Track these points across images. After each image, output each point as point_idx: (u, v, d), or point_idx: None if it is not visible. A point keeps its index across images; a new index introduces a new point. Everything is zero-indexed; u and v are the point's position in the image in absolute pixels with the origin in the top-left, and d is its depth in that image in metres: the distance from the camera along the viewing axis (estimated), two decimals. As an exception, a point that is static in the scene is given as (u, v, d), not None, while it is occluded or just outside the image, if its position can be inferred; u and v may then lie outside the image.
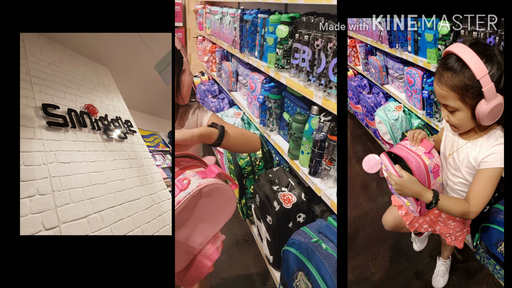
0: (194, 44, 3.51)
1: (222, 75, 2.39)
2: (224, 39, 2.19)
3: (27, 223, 1.14)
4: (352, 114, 2.63)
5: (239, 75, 2.17)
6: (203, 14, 2.82)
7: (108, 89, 2.57)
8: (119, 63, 2.86)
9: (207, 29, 2.66)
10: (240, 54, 1.85)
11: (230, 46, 2.02)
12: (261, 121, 1.65)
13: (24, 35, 1.93)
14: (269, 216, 1.32)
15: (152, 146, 3.81)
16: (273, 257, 1.41)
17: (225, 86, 2.33)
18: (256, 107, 1.70)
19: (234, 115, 2.12)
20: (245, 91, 2.07)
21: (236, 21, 1.82)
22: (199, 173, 0.65)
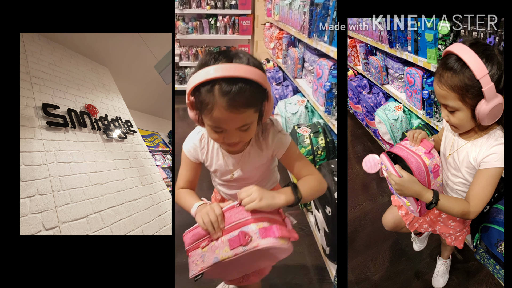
0: (261, 31, 3.52)
1: (288, 62, 2.35)
2: (292, 25, 2.15)
3: (27, 223, 1.14)
4: (352, 114, 2.63)
5: (305, 62, 2.13)
6: (271, 0, 2.80)
7: (108, 89, 2.58)
8: (119, 63, 2.86)
9: (275, 15, 2.63)
10: (308, 40, 1.81)
11: (298, 32, 1.98)
12: (326, 109, 1.59)
13: (24, 35, 1.93)
14: (328, 207, 1.28)
15: (152, 146, 3.81)
16: (330, 248, 1.36)
17: (290, 73, 2.30)
18: (322, 94, 1.65)
19: (297, 103, 2.04)
20: (310, 78, 2.02)
21: (306, 5, 1.77)
22: (261, 231, 0.66)
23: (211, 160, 0.86)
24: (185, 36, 3.64)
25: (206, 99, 0.63)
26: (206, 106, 0.64)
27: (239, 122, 0.66)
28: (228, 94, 0.61)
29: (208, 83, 0.62)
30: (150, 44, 2.59)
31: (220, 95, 0.62)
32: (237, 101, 0.62)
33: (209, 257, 0.69)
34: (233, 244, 0.66)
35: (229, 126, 0.67)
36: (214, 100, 0.62)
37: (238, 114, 0.64)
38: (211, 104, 0.63)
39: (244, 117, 0.65)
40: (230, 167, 0.86)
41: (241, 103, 0.63)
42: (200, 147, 0.85)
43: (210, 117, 0.65)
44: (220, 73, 0.61)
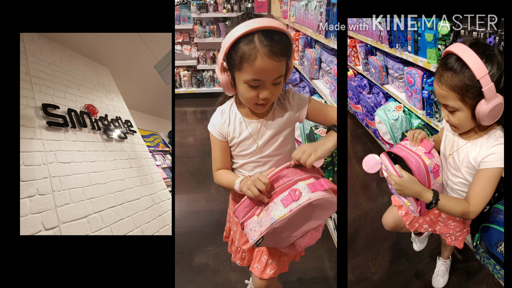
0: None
1: (305, 63, 2.36)
2: (308, 26, 2.16)
3: (27, 223, 1.14)
4: (352, 114, 2.63)
5: (322, 62, 2.13)
6: (287, 2, 2.83)
7: (108, 89, 2.58)
8: (119, 63, 2.86)
9: (291, 17, 2.65)
10: (325, 40, 1.82)
11: (315, 32, 1.98)
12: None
13: (24, 35, 1.93)
14: None
15: (152, 146, 3.81)
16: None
17: (307, 74, 2.30)
18: None
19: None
20: (328, 78, 2.02)
21: (323, 6, 1.78)
22: (309, 186, 0.73)
23: (234, 132, 0.88)
24: (202, 40, 3.71)
25: (247, 51, 0.69)
26: (247, 58, 0.69)
27: (276, 72, 0.72)
28: (269, 42, 0.68)
29: (246, 36, 0.68)
30: (150, 44, 2.59)
31: (261, 44, 0.68)
32: (276, 48, 0.68)
33: (266, 220, 0.74)
34: (286, 202, 0.73)
35: (268, 76, 0.72)
36: (256, 49, 0.68)
37: (277, 61, 0.70)
38: (253, 54, 0.68)
39: (280, 66, 0.72)
40: (255, 136, 0.88)
41: (280, 50, 0.69)
42: (222, 121, 0.89)
43: (251, 68, 0.70)
44: (259, 24, 0.67)
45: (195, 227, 1.87)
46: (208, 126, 0.92)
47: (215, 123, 0.90)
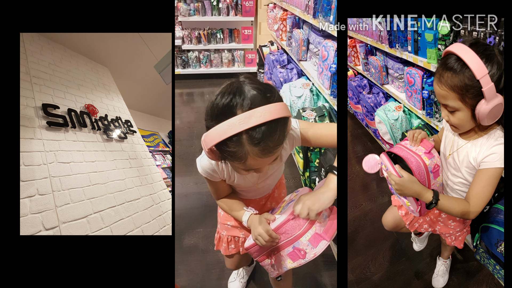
0: (264, 13, 3.44)
1: (292, 44, 2.29)
2: (296, 5, 2.08)
3: (27, 223, 1.14)
4: (352, 114, 2.63)
5: (310, 44, 2.07)
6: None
7: (108, 89, 2.58)
8: (119, 63, 2.86)
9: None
10: (313, 20, 1.75)
11: (303, 12, 1.91)
12: (332, 93, 1.56)
13: (24, 35, 1.93)
14: None
15: (152, 146, 3.81)
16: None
17: (295, 55, 2.23)
18: (327, 77, 1.59)
19: (302, 86, 1.98)
20: (316, 60, 1.95)
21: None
22: (311, 241, 0.76)
23: (232, 178, 0.86)
24: (187, 18, 3.55)
25: (237, 151, 0.59)
26: (237, 157, 0.60)
27: (271, 160, 0.65)
28: (260, 143, 0.58)
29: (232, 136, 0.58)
30: (150, 44, 2.59)
31: (251, 145, 0.58)
32: (269, 144, 0.59)
33: (279, 265, 0.82)
34: (293, 258, 0.78)
35: (263, 166, 0.67)
36: (245, 150, 0.59)
37: (271, 156, 0.62)
38: (243, 154, 0.59)
39: (277, 153, 0.64)
40: (254, 179, 0.88)
41: (274, 145, 0.60)
42: (218, 170, 0.83)
43: (243, 165, 0.63)
44: (246, 125, 0.56)
45: (184, 209, 1.92)
46: (201, 172, 0.85)
47: (209, 172, 0.84)
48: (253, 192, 0.99)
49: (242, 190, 0.97)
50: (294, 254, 0.77)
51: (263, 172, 0.73)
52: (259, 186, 0.92)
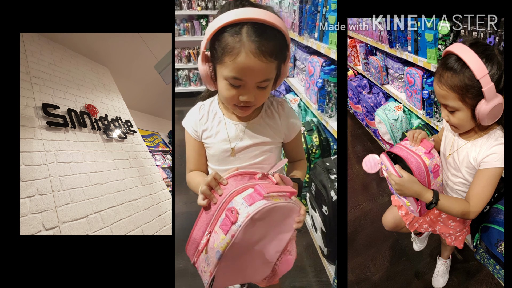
0: None
1: None
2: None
3: (27, 223, 1.14)
4: (352, 114, 2.63)
5: (297, 60, 2.12)
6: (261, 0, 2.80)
7: (108, 89, 2.58)
8: (119, 63, 2.86)
9: None
10: (298, 37, 1.79)
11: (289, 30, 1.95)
12: (319, 107, 1.58)
13: (24, 35, 1.93)
14: (325, 206, 1.27)
15: (152, 146, 3.81)
16: (327, 249, 1.34)
17: None
18: (314, 92, 1.62)
19: (290, 102, 2.02)
20: (302, 76, 2.00)
21: (296, 3, 1.76)
22: (246, 199, 0.60)
23: (210, 131, 0.78)
24: (177, 38, 3.66)
25: (231, 43, 0.59)
26: (230, 51, 0.59)
27: (261, 75, 0.62)
28: (258, 38, 0.58)
29: (233, 26, 0.59)
30: (150, 44, 2.59)
31: (248, 38, 0.58)
32: (266, 47, 0.58)
33: (212, 255, 0.62)
34: (225, 227, 0.59)
35: (251, 78, 0.62)
36: (241, 43, 0.58)
37: (264, 62, 0.60)
38: (237, 48, 0.58)
39: (268, 68, 0.61)
40: (232, 139, 0.77)
41: (269, 50, 0.59)
42: (199, 117, 0.79)
43: (232, 63, 0.60)
44: (251, 15, 0.58)
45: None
46: (184, 121, 0.82)
47: (191, 119, 0.80)
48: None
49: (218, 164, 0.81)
50: (226, 221, 0.59)
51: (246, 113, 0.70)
52: (237, 146, 0.77)
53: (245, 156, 0.78)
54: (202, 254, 0.65)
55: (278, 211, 0.63)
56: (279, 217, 0.66)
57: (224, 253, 0.59)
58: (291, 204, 0.65)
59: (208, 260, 0.63)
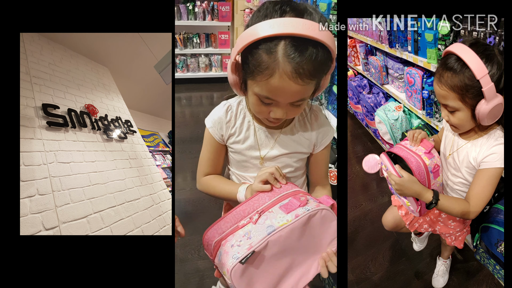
0: (241, 18, 3.45)
1: None
2: None
3: (27, 223, 1.14)
4: (352, 114, 2.63)
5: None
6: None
7: (108, 89, 2.58)
8: (119, 63, 2.86)
9: (255, 1, 2.58)
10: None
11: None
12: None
13: (24, 35, 1.93)
14: None
15: (152, 146, 3.81)
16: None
17: None
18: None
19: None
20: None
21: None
22: (312, 197, 0.63)
23: (238, 136, 0.72)
24: None
25: (265, 61, 0.51)
26: (262, 70, 0.52)
27: (297, 96, 0.55)
28: (297, 58, 0.49)
29: (270, 40, 0.50)
30: (150, 44, 2.59)
31: (285, 59, 0.50)
32: (304, 68, 0.50)
33: (259, 230, 0.56)
34: (289, 208, 0.57)
35: (284, 99, 0.56)
36: (276, 63, 0.50)
37: (300, 85, 0.52)
38: (270, 68, 0.51)
39: (304, 89, 0.54)
40: (262, 146, 0.72)
41: (308, 72, 0.51)
42: (226, 119, 0.72)
43: (265, 83, 0.53)
44: (289, 29, 0.48)
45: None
46: (206, 120, 0.75)
47: (216, 119, 0.73)
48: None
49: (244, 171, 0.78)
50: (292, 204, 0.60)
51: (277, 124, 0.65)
52: (267, 155, 0.74)
53: (275, 164, 0.75)
54: (239, 230, 0.59)
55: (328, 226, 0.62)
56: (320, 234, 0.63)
57: (277, 229, 0.55)
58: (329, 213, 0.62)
59: (249, 234, 0.57)
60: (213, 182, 0.77)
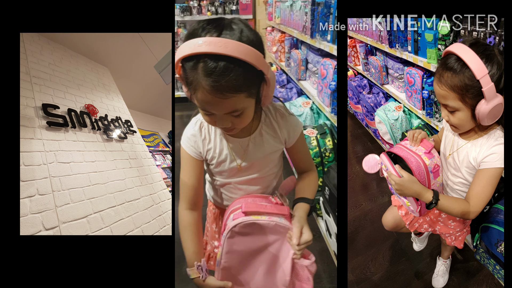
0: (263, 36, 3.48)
1: (291, 64, 2.33)
2: (294, 26, 2.13)
3: (27, 223, 1.14)
4: (352, 114, 2.63)
5: (309, 63, 2.11)
6: (272, 4, 2.81)
7: (108, 89, 2.58)
8: (119, 63, 2.86)
9: (276, 18, 2.62)
10: (310, 40, 1.78)
11: (300, 33, 1.95)
12: (332, 110, 1.58)
13: (24, 35, 1.93)
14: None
15: (152, 146, 3.81)
16: None
17: (294, 75, 2.28)
18: (327, 95, 1.62)
19: (302, 105, 1.99)
20: (315, 79, 1.98)
21: (308, 5, 1.75)
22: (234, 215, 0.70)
23: (214, 151, 0.75)
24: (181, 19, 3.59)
25: (190, 77, 0.55)
26: (190, 85, 0.56)
27: (226, 108, 0.58)
28: (212, 75, 0.52)
29: (193, 57, 0.54)
30: (150, 44, 2.59)
31: (203, 75, 0.53)
32: (222, 84, 0.53)
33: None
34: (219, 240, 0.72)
35: (216, 111, 0.59)
36: (197, 79, 0.54)
37: (223, 99, 0.55)
38: (194, 83, 0.55)
39: (232, 102, 0.57)
40: (237, 155, 0.75)
41: (227, 87, 0.53)
42: (201, 137, 0.75)
43: (195, 97, 0.58)
44: (205, 48, 0.52)
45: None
46: (182, 141, 0.76)
47: (191, 137, 0.75)
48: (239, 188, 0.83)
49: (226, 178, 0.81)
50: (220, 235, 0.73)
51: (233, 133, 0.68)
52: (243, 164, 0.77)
53: (252, 169, 0.78)
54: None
55: (264, 229, 0.69)
56: (269, 236, 0.71)
57: (220, 260, 0.71)
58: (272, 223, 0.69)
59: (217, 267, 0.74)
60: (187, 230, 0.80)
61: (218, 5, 3.53)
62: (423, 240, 1.43)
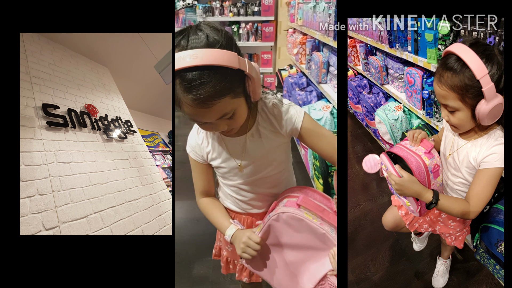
0: (284, 37, 3.50)
1: (312, 67, 2.28)
2: (316, 28, 2.09)
3: (27, 223, 1.14)
4: (352, 114, 2.63)
5: (331, 66, 2.06)
6: (295, 6, 2.78)
7: (108, 89, 2.58)
8: (119, 63, 2.86)
9: (298, 20, 2.60)
10: (333, 42, 1.74)
11: (323, 35, 1.92)
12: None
13: (24, 35, 1.93)
14: None
15: (152, 146, 3.81)
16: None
17: (314, 78, 2.22)
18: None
19: (322, 109, 1.93)
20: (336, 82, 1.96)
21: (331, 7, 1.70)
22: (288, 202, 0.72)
23: (213, 153, 0.77)
24: None
25: (176, 94, 0.56)
26: (177, 101, 0.57)
27: (215, 115, 0.57)
28: (191, 90, 0.52)
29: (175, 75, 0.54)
30: (150, 44, 2.59)
31: (182, 91, 0.53)
32: (203, 95, 0.52)
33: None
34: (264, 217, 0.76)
35: (207, 119, 0.59)
36: (179, 96, 0.55)
37: (209, 108, 0.55)
38: (178, 98, 0.55)
39: (219, 108, 0.56)
40: (236, 155, 0.75)
41: (209, 96, 0.53)
42: (200, 141, 0.77)
43: (183, 113, 0.58)
44: (177, 64, 0.52)
45: (195, 235, 1.82)
46: (187, 148, 0.82)
47: (194, 144, 0.79)
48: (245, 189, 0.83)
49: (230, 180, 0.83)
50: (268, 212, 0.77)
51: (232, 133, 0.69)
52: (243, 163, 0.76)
53: (255, 168, 0.78)
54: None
55: (311, 232, 0.69)
56: (312, 240, 0.70)
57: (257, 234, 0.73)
58: (321, 231, 0.67)
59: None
60: (205, 208, 0.87)
61: (240, 6, 3.51)
62: (423, 240, 1.43)
